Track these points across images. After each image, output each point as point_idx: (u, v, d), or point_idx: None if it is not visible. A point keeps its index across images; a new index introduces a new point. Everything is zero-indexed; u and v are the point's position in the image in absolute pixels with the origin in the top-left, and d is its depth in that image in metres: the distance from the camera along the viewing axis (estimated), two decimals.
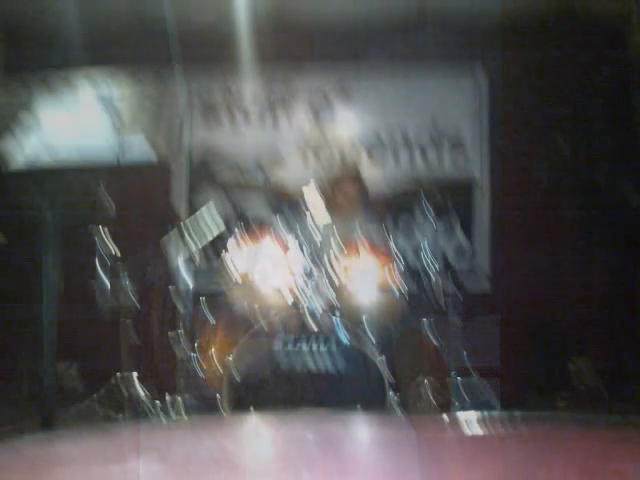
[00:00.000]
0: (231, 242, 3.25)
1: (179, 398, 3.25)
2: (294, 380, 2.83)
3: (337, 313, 3.09)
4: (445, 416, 1.64)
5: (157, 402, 3.32)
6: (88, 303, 3.51)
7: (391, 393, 2.90)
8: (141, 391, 3.44)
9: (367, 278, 3.14)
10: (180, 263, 3.43)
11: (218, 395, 2.93)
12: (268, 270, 3.12)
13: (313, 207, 3.23)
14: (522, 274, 4.81)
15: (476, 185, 5.06)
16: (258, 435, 1.50)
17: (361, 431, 1.55)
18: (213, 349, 3.42)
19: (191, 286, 3.44)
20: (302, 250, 3.10)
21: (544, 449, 1.22)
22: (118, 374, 3.48)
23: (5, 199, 3.71)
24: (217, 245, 3.67)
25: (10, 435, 3.15)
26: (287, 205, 3.77)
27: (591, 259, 4.83)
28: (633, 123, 4.33)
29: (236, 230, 3.25)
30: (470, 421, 1.48)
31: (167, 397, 3.30)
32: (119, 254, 3.49)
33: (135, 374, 3.49)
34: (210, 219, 3.58)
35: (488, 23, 4.97)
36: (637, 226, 4.19)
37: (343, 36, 5.04)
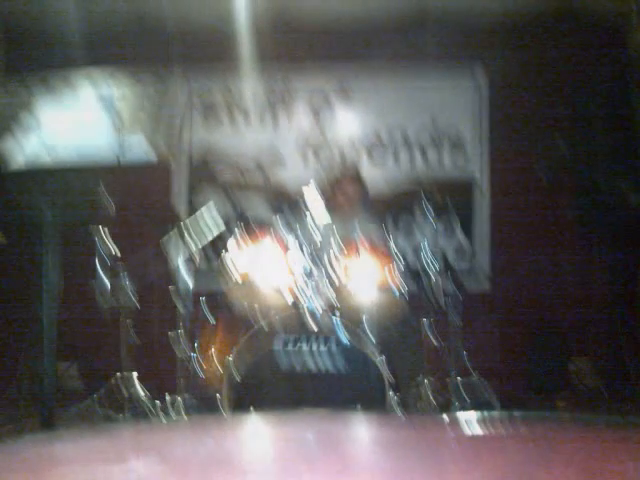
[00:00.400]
0: (231, 242, 3.25)
1: (179, 398, 3.25)
2: (294, 380, 2.83)
3: (337, 313, 3.08)
4: (445, 416, 1.63)
5: (157, 402, 3.32)
6: (88, 303, 3.51)
7: (391, 393, 2.90)
8: (141, 391, 3.44)
9: (367, 278, 3.14)
10: (180, 263, 3.43)
11: (218, 395, 2.93)
12: (268, 270, 3.11)
13: (313, 207, 3.23)
14: (522, 274, 4.81)
15: (476, 185, 5.07)
16: (258, 435, 1.50)
17: (361, 431, 1.55)
18: (213, 349, 3.42)
19: (191, 286, 3.44)
20: (302, 250, 3.10)
21: (544, 449, 1.22)
22: (118, 374, 3.49)
23: (5, 199, 3.71)
24: (217, 245, 3.67)
25: (10, 435, 3.15)
26: (287, 205, 3.77)
27: (591, 259, 4.83)
28: (633, 123, 4.33)
29: (236, 230, 3.25)
30: (470, 421, 1.48)
31: (167, 397, 3.30)
32: (119, 254, 3.48)
33: (135, 374, 3.49)
34: (210, 219, 3.58)
35: (488, 23, 4.97)
36: (637, 226, 4.19)
37: (343, 36, 5.04)
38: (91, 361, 4.69)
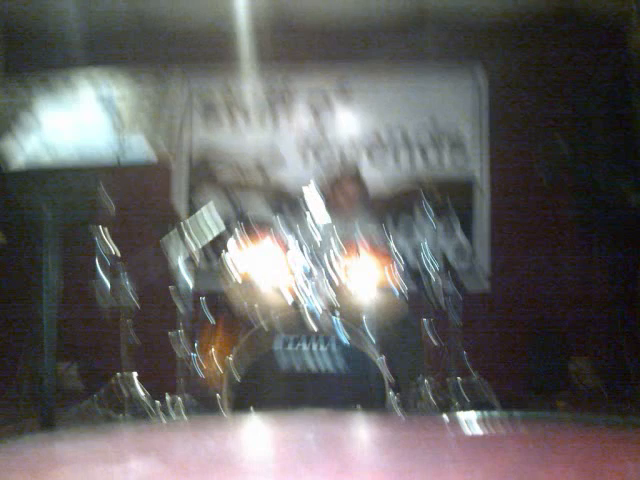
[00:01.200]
0: (231, 242, 3.25)
1: (179, 398, 3.25)
2: (294, 380, 2.83)
3: (337, 313, 3.08)
4: (445, 416, 1.63)
5: (157, 402, 3.32)
6: (88, 303, 3.51)
7: (391, 393, 2.90)
8: (141, 391, 3.43)
9: (367, 278, 3.14)
10: (180, 263, 3.43)
11: (218, 395, 2.93)
12: (268, 270, 3.11)
13: (313, 207, 3.23)
14: (522, 274, 4.81)
15: (476, 185, 5.07)
16: (258, 435, 1.50)
17: (361, 431, 1.54)
18: (213, 349, 3.42)
19: (191, 286, 3.44)
20: (302, 250, 3.10)
21: (544, 449, 1.22)
22: (118, 374, 3.49)
23: (5, 199, 3.71)
24: (217, 245, 3.67)
25: (10, 435, 3.15)
26: (287, 205, 3.77)
27: (591, 259, 4.84)
28: (633, 123, 4.33)
29: (236, 230, 3.25)
30: (470, 421, 1.48)
31: (167, 397, 3.30)
32: (119, 254, 3.49)
33: (135, 374, 3.49)
34: (210, 219, 3.58)
35: (488, 23, 4.97)
36: (637, 226, 4.19)
37: (343, 36, 5.04)
38: (91, 361, 4.69)
